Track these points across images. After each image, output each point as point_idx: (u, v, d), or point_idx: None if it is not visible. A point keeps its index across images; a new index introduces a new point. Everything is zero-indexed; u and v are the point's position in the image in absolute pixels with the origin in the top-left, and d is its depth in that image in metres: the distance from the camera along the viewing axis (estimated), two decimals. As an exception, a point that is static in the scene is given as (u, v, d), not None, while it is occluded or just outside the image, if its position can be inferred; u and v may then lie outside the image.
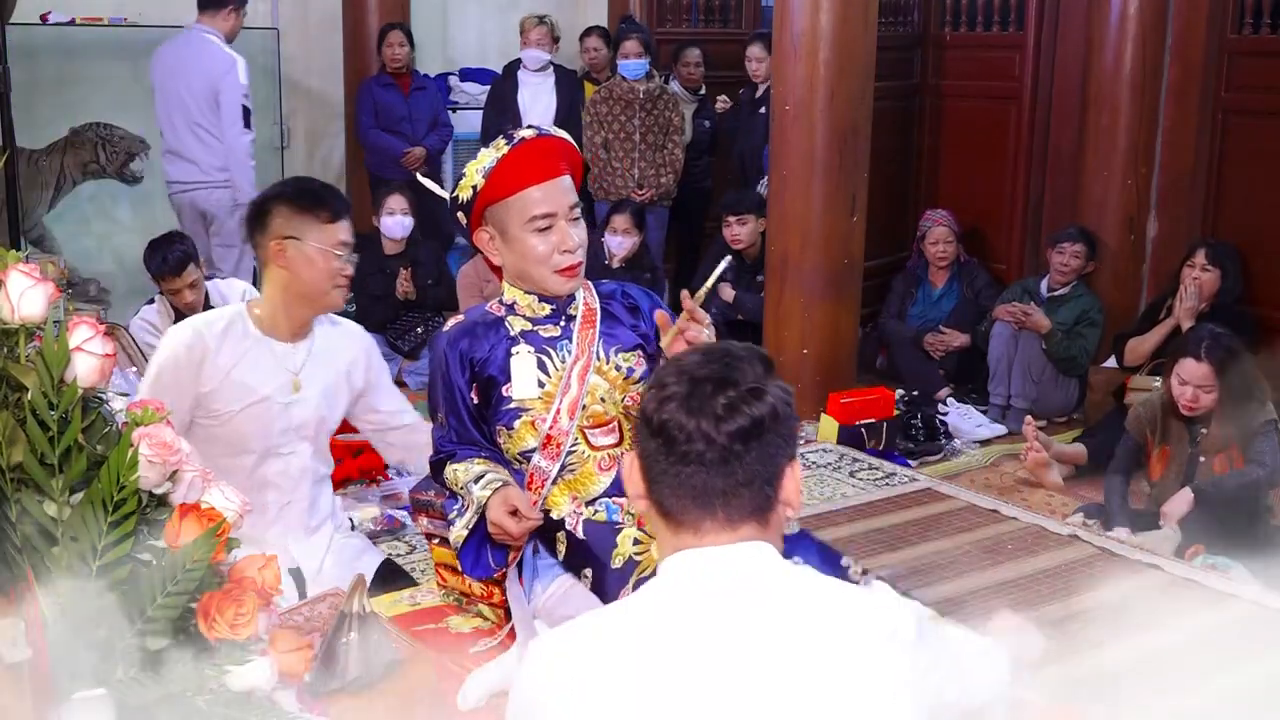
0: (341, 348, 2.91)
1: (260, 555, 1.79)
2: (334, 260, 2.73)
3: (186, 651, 1.66)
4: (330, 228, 2.73)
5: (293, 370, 2.80)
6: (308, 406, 2.83)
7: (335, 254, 2.73)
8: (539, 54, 6.37)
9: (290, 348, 2.81)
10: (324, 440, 2.94)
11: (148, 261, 4.45)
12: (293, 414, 2.81)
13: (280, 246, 2.72)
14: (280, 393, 2.78)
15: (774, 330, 4.87)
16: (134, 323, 4.56)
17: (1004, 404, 5.10)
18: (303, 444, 2.85)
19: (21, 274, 1.67)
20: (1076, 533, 3.68)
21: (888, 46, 5.43)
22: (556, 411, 2.42)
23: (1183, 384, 3.77)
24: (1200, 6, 5.25)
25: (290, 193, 2.78)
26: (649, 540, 2.30)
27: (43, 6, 5.99)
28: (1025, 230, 6.02)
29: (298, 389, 2.81)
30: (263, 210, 2.77)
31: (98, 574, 1.61)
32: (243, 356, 2.74)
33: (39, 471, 1.62)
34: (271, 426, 2.78)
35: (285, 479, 2.85)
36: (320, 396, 2.85)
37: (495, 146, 2.43)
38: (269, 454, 2.81)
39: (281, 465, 2.84)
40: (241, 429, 2.76)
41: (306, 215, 2.72)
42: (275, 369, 2.78)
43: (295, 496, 2.88)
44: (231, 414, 2.74)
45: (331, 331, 2.91)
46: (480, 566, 2.42)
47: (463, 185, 2.45)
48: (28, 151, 5.86)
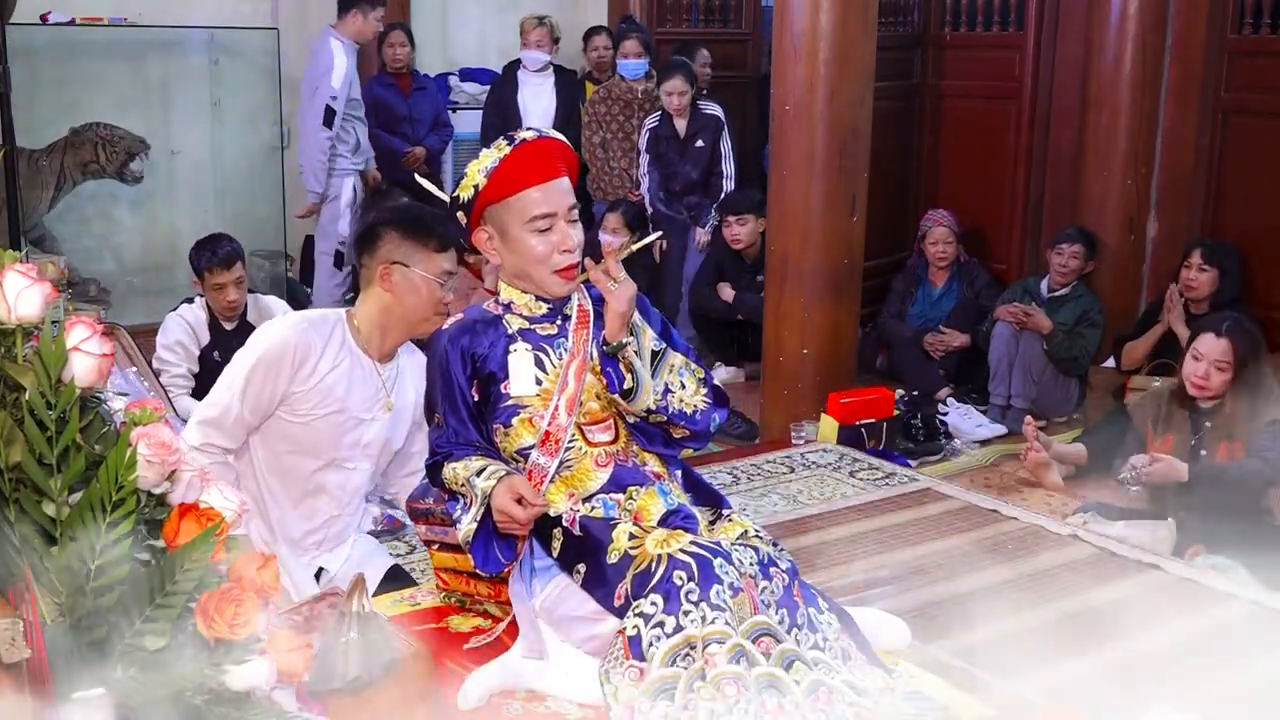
0: (418, 376, 2.94)
1: (259, 555, 1.79)
2: (437, 289, 2.77)
3: (185, 651, 1.66)
4: (438, 257, 2.78)
5: (387, 390, 2.85)
6: (381, 427, 2.87)
7: (439, 283, 2.77)
8: (539, 55, 6.37)
9: (381, 367, 2.85)
10: (384, 463, 2.97)
11: (195, 257, 4.46)
12: (365, 431, 2.85)
13: (387, 270, 2.76)
14: (364, 408, 2.82)
15: (774, 330, 4.87)
16: (169, 319, 4.54)
17: (1004, 404, 5.10)
18: (366, 462, 2.89)
19: (18, 274, 1.66)
20: (1076, 533, 3.68)
21: (888, 46, 5.43)
22: (555, 408, 2.43)
23: (1197, 359, 3.75)
24: (1200, 6, 5.25)
25: (402, 218, 2.82)
26: (644, 535, 2.31)
27: (43, 6, 5.99)
28: (1025, 230, 6.02)
29: (390, 409, 2.86)
30: (373, 233, 2.82)
31: (96, 574, 1.61)
32: (339, 364, 2.78)
33: (37, 471, 1.62)
34: (342, 439, 2.82)
35: (342, 492, 2.89)
36: (395, 420, 2.89)
37: (497, 147, 2.46)
38: (332, 464, 2.84)
39: (341, 478, 2.87)
40: (316, 433, 2.79)
41: (415, 243, 2.77)
42: (365, 384, 2.82)
43: (345, 511, 2.93)
44: (314, 417, 2.77)
45: (410, 359, 2.96)
46: (490, 562, 2.43)
47: (464, 185, 2.47)
48: (28, 151, 5.86)
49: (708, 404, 2.49)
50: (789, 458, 4.47)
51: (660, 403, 2.42)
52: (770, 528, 3.65)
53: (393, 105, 6.37)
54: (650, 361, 2.42)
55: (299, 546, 2.88)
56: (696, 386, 2.49)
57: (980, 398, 5.22)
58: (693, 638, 2.10)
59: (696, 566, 2.16)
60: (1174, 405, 3.89)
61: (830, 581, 3.18)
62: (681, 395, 2.45)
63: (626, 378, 2.37)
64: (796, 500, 4.02)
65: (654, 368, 2.43)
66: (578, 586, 2.37)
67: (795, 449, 4.58)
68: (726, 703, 2.04)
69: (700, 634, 2.10)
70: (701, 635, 2.09)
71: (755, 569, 2.24)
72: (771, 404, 4.92)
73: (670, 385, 2.44)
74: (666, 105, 6.04)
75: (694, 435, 2.50)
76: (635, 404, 2.39)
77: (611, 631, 2.22)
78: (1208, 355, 3.73)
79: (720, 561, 2.18)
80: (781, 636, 2.17)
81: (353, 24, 5.89)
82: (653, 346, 2.45)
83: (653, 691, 2.08)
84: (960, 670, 2.60)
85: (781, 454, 4.52)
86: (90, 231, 6.51)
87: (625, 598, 2.24)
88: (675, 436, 2.50)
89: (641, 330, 2.43)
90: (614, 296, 2.34)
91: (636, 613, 2.15)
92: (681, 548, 2.20)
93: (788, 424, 4.75)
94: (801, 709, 2.09)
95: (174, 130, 6.60)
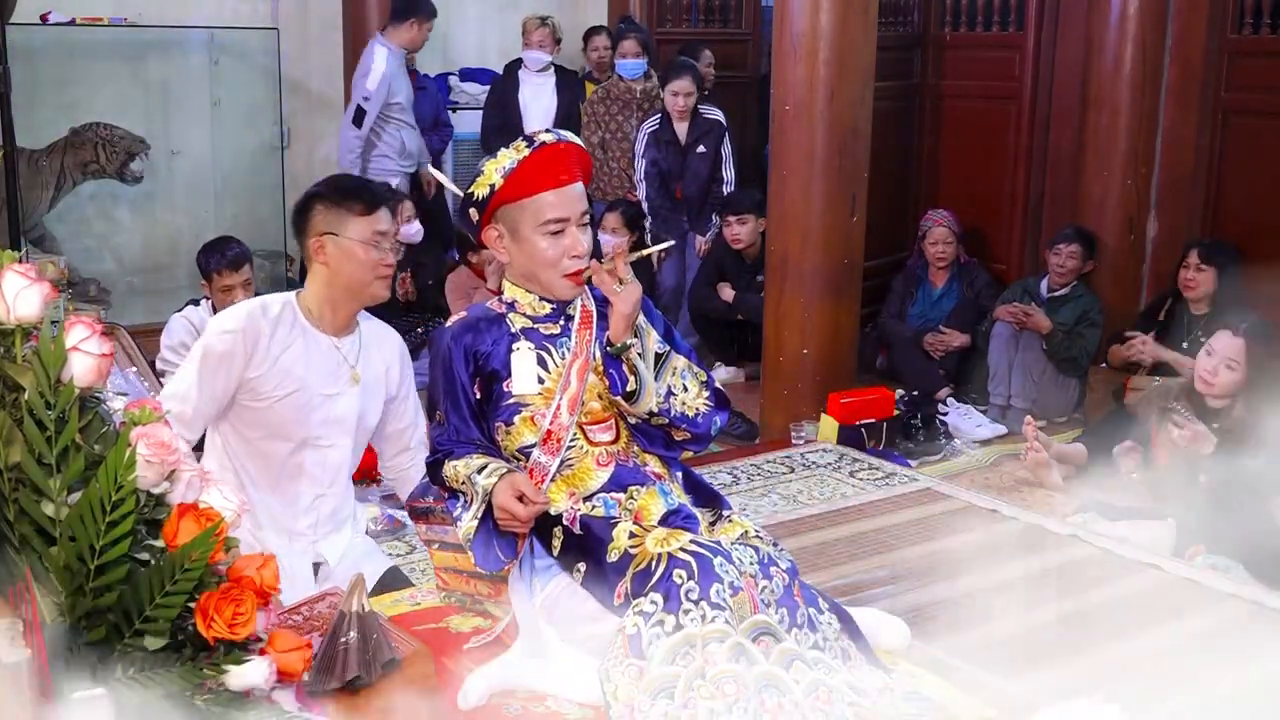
0: (384, 348, 2.93)
1: (259, 555, 1.79)
2: (372, 251, 2.74)
3: (185, 651, 1.66)
4: (366, 219, 2.75)
5: (350, 363, 2.82)
6: (350, 400, 2.84)
7: (374, 245, 2.74)
8: (541, 55, 6.37)
9: (339, 341, 2.83)
10: (364, 438, 2.95)
11: (203, 259, 4.46)
12: (335, 406, 2.82)
13: (320, 243, 2.75)
14: (327, 384, 2.80)
15: (774, 330, 4.87)
16: (174, 320, 4.54)
17: (1004, 404, 5.10)
18: (343, 438, 2.86)
19: (18, 274, 1.66)
20: (1076, 533, 3.68)
21: (888, 46, 5.43)
22: (557, 407, 2.43)
23: (1209, 355, 3.76)
24: (1200, 6, 5.25)
25: (325, 189, 2.81)
26: (644, 533, 2.31)
27: (43, 6, 5.99)
28: (1025, 230, 6.02)
29: (357, 380, 2.83)
30: (302, 210, 2.80)
31: (96, 574, 1.61)
32: (291, 345, 2.76)
33: (37, 471, 1.62)
34: (310, 417, 2.80)
35: (322, 471, 2.86)
36: (364, 391, 2.87)
37: (515, 148, 2.46)
38: (306, 444, 2.82)
39: (319, 457, 2.85)
40: (282, 415, 2.77)
41: (341, 209, 2.74)
42: (324, 360, 2.80)
43: (330, 491, 2.89)
44: (275, 399, 2.76)
45: (375, 330, 2.94)
46: (491, 560, 2.43)
47: (480, 183, 2.48)
48: (28, 151, 5.85)
49: (709, 407, 2.50)
50: (789, 458, 4.47)
51: (662, 405, 2.42)
52: (770, 528, 3.65)
53: (391, 105, 6.36)
54: (654, 364, 2.42)
55: (292, 534, 2.85)
56: (699, 389, 2.49)
57: (980, 398, 5.23)
58: (692, 636, 2.10)
59: (696, 565, 2.16)
60: (1182, 401, 3.88)
61: (830, 581, 3.18)
62: (684, 398, 2.46)
63: (630, 379, 2.37)
64: (796, 500, 4.02)
65: (657, 370, 2.43)
66: (578, 585, 2.37)
67: (795, 449, 4.58)
68: (726, 701, 2.04)
69: (700, 632, 2.10)
70: (701, 634, 2.09)
71: (755, 568, 2.24)
72: (771, 404, 4.92)
73: (673, 388, 2.45)
74: (670, 106, 5.96)
75: (695, 438, 2.51)
76: (638, 406, 2.40)
77: (611, 630, 2.22)
78: (1220, 352, 3.74)
79: (720, 560, 2.18)
80: (781, 636, 2.17)
81: (406, 33, 5.95)
82: (656, 349, 2.45)
83: (652, 690, 2.08)
84: (960, 670, 2.60)
85: (781, 454, 4.52)
86: (90, 231, 6.50)
87: (625, 596, 2.24)
88: (676, 439, 2.50)
89: (645, 332, 2.43)
90: (620, 298, 2.34)
91: (636, 611, 2.15)
92: (682, 546, 2.20)
93: (788, 424, 4.75)
94: (801, 708, 2.09)
95: (174, 130, 6.60)
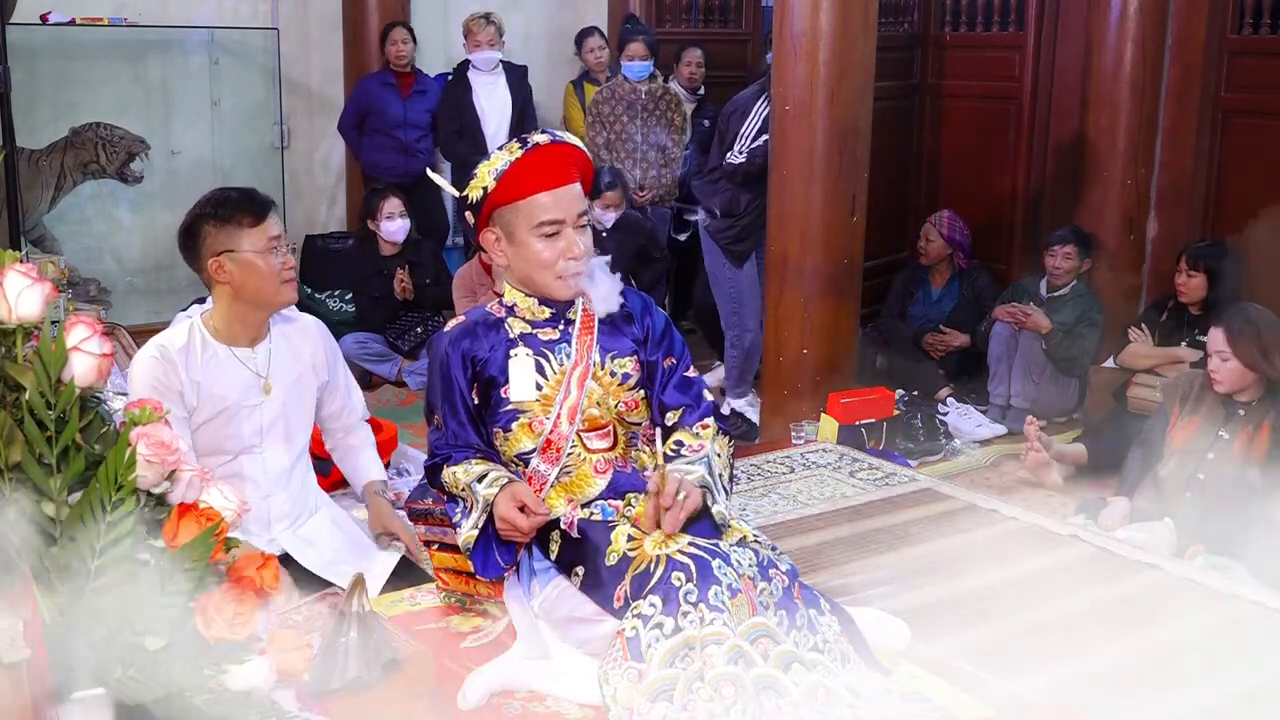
0: (301, 342, 2.95)
1: (259, 554, 1.79)
2: (272, 259, 2.75)
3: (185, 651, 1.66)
4: (259, 229, 2.75)
5: (260, 374, 2.84)
6: (274, 405, 2.87)
7: (271, 251, 2.75)
8: (492, 54, 6.33)
9: (251, 352, 2.84)
10: (300, 436, 2.97)
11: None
12: (261, 414, 2.86)
13: (218, 263, 2.75)
14: (249, 396, 2.82)
15: (774, 330, 4.86)
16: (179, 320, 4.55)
17: (1004, 404, 5.10)
18: (276, 442, 2.90)
19: (18, 274, 1.66)
20: (1076, 533, 3.68)
21: (888, 46, 5.43)
22: (557, 417, 2.43)
23: (1208, 354, 3.81)
24: (1200, 6, 5.25)
25: (210, 210, 2.79)
26: (642, 536, 2.31)
27: (43, 6, 5.98)
28: (1025, 230, 6.02)
29: (269, 391, 2.85)
30: (190, 233, 2.79)
31: (96, 574, 1.61)
32: (206, 367, 2.78)
33: (37, 471, 1.62)
34: (242, 429, 2.83)
35: (263, 475, 2.89)
36: (286, 394, 2.89)
37: (508, 149, 2.45)
38: (243, 453, 2.86)
39: (259, 464, 2.88)
40: (216, 433, 2.80)
41: (230, 225, 2.74)
42: (240, 375, 2.82)
43: (274, 490, 2.91)
44: (204, 420, 2.79)
45: (288, 329, 2.95)
46: (490, 567, 2.43)
47: (473, 185, 2.47)
48: (28, 151, 5.85)
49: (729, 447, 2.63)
50: (789, 458, 4.47)
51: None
52: (770, 528, 3.65)
53: (388, 107, 6.34)
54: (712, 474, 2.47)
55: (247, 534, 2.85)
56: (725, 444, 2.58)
57: (980, 398, 5.23)
58: (691, 639, 2.10)
59: (695, 568, 2.16)
60: (1207, 390, 3.87)
61: (830, 582, 3.17)
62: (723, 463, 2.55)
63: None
64: (796, 500, 4.02)
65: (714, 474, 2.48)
66: (576, 589, 2.37)
67: (795, 449, 4.58)
68: (724, 704, 2.04)
69: (699, 635, 2.10)
70: (700, 636, 2.09)
71: (754, 570, 2.24)
72: (771, 404, 4.92)
73: (724, 473, 2.54)
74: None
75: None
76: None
77: (610, 633, 2.22)
78: (1211, 347, 3.78)
79: (719, 563, 2.17)
80: (780, 638, 2.17)
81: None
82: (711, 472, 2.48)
83: (651, 693, 2.08)
84: (960, 670, 2.60)
85: (781, 454, 4.51)
86: (90, 231, 6.50)
87: (624, 599, 2.24)
88: None
89: (710, 492, 2.43)
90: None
91: (635, 614, 2.15)
92: (680, 549, 2.20)
93: (788, 424, 4.75)
94: (800, 710, 2.08)
95: (174, 130, 6.60)
